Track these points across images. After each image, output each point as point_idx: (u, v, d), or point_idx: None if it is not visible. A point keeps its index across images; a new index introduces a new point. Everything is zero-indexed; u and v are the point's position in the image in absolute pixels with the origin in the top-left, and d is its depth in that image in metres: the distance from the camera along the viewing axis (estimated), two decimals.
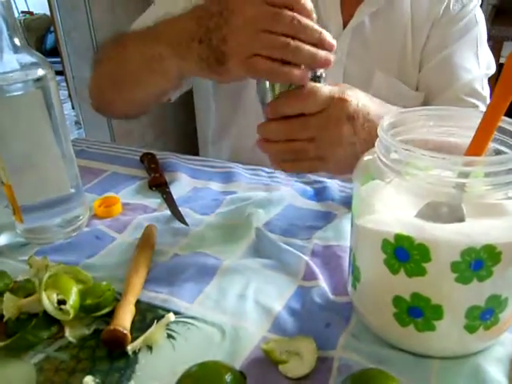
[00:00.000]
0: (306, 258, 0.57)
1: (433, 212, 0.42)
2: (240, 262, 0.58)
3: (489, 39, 1.95)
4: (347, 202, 0.68)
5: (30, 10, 6.31)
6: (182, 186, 0.77)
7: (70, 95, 2.49)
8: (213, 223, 0.67)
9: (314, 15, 0.57)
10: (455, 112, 0.47)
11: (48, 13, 5.77)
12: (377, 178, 0.43)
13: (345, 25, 0.88)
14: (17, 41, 0.58)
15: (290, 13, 0.55)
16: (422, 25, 0.89)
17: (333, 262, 0.57)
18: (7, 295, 0.51)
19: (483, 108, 0.85)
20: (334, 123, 0.57)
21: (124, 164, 0.85)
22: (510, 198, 0.40)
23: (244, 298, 0.53)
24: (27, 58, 0.60)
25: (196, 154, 2.40)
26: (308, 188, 0.74)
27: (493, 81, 0.97)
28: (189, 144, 2.51)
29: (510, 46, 1.94)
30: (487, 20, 2.14)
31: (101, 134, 2.17)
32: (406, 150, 0.39)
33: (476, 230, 0.39)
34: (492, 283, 0.40)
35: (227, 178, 0.79)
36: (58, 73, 2.32)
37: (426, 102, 0.89)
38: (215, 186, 0.77)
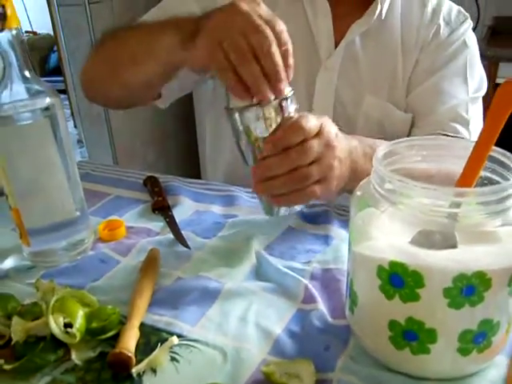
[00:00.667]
0: (306, 281, 0.59)
1: (426, 239, 0.43)
2: (241, 285, 0.60)
3: (484, 60, 1.99)
4: (346, 226, 0.70)
5: (34, 29, 6.40)
6: (184, 209, 0.78)
7: (72, 114, 2.53)
8: (215, 247, 0.68)
9: (289, 48, 0.60)
10: (447, 142, 0.50)
11: (51, 32, 5.86)
12: (372, 206, 0.45)
13: (337, 45, 0.90)
14: (26, 72, 0.61)
15: (268, 34, 0.58)
16: (412, 48, 0.91)
17: (332, 285, 0.59)
18: (15, 319, 0.52)
19: (465, 132, 0.87)
20: (331, 142, 0.61)
21: (127, 187, 0.87)
22: (500, 226, 0.42)
23: (245, 321, 0.54)
24: (35, 88, 0.63)
25: (197, 172, 2.43)
26: (307, 211, 0.76)
27: (487, 100, 0.99)
28: (190, 163, 2.54)
29: (506, 67, 1.95)
30: (483, 41, 2.17)
31: (103, 153, 2.20)
32: (399, 180, 0.40)
33: (467, 257, 0.41)
34: (483, 308, 0.41)
35: (228, 201, 0.80)
36: (61, 91, 2.36)
37: (412, 125, 0.92)
38: (217, 210, 0.79)
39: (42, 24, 6.20)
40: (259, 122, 0.61)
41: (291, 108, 0.62)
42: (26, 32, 6.39)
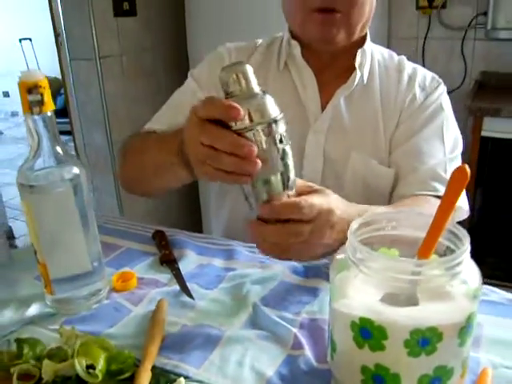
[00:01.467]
0: (295, 330, 0.68)
1: (392, 298, 0.53)
2: (239, 333, 0.69)
3: (470, 114, 2.11)
4: None
5: (42, 73, 6.61)
6: (189, 262, 0.88)
7: (77, 154, 2.66)
8: (216, 298, 0.78)
9: (239, 111, 0.61)
10: (411, 215, 0.60)
11: (58, 76, 6.08)
12: (347, 270, 0.54)
13: (323, 108, 1.01)
14: (57, 147, 0.71)
15: (210, 127, 0.63)
16: (392, 112, 1.01)
17: (317, 334, 0.68)
18: (46, 361, 0.61)
19: (443, 190, 0.96)
20: (321, 229, 0.68)
21: (137, 240, 0.97)
22: (454, 287, 0.52)
23: (242, 365, 0.63)
24: (64, 159, 0.73)
25: (197, 217, 2.52)
26: (298, 265, 0.85)
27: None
28: (190, 208, 2.64)
29: (490, 121, 2.06)
30: (469, 95, 2.30)
31: (109, 198, 2.31)
32: (367, 252, 0.50)
33: (422, 315, 0.50)
34: (437, 356, 0.50)
35: (228, 255, 0.90)
36: (67, 132, 2.48)
37: (395, 180, 1.00)
38: (218, 263, 0.88)
39: (49, 67, 6.43)
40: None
41: (281, 129, 0.63)
42: None
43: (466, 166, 0.55)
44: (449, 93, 2.65)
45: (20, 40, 6.62)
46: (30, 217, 0.72)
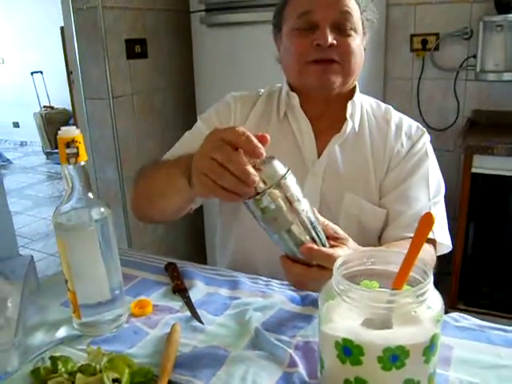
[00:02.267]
0: (291, 351, 0.79)
1: (371, 322, 0.64)
2: (242, 354, 0.80)
3: (462, 151, 2.22)
4: None
5: (51, 104, 6.82)
6: (198, 291, 0.99)
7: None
8: (222, 323, 0.88)
9: (262, 151, 0.73)
10: (387, 253, 0.71)
11: (68, 107, 6.29)
12: (333, 299, 0.65)
13: (319, 153, 1.13)
14: (88, 193, 0.83)
15: (228, 149, 0.73)
16: (381, 160, 1.13)
17: (310, 354, 0.79)
18: (78, 375, 0.72)
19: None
20: None
21: (152, 271, 1.08)
22: (421, 312, 0.63)
23: (245, 380, 0.74)
24: (93, 201, 0.85)
25: (202, 246, 2.62)
26: (295, 295, 0.96)
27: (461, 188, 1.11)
28: (197, 238, 2.75)
29: (479, 159, 2.17)
30: (461, 134, 2.43)
31: (118, 229, 2.42)
32: (347, 284, 0.62)
33: (393, 336, 0.61)
34: (406, 371, 0.61)
35: (233, 285, 1.01)
36: None
37: (385, 221, 1.11)
38: (224, 292, 0.99)
39: (58, 99, 6.66)
40: (270, 205, 0.75)
41: (291, 182, 0.76)
42: (45, 107, 6.83)
43: (432, 213, 0.67)
44: (443, 130, 2.82)
45: (32, 73, 6.84)
46: (63, 251, 0.84)
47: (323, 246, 0.81)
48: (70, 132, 0.79)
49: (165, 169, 1.01)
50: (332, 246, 0.83)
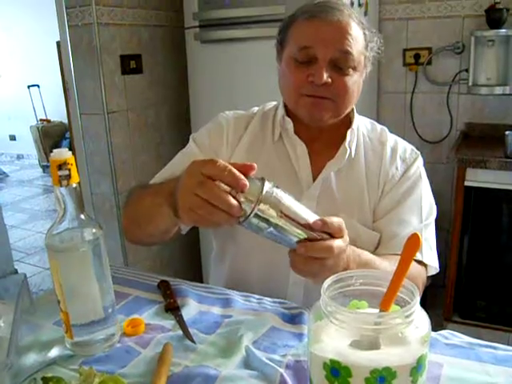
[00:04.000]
0: (281, 370, 0.79)
1: (359, 343, 0.65)
2: (233, 373, 0.80)
3: (456, 164, 2.24)
4: None
5: (48, 117, 6.83)
6: (190, 309, 0.99)
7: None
8: (214, 342, 0.89)
9: (245, 183, 0.76)
10: (375, 273, 0.72)
11: (64, 120, 6.31)
12: (321, 320, 0.66)
13: (314, 176, 1.14)
14: (80, 214, 0.84)
15: (210, 184, 0.76)
16: (376, 184, 1.14)
17: (300, 373, 0.79)
18: None
19: (418, 254, 1.06)
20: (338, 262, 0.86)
21: (145, 289, 1.09)
22: (408, 333, 0.63)
23: None
24: (85, 222, 0.86)
25: (198, 262, 2.63)
26: (287, 312, 0.97)
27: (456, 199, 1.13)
28: (192, 253, 2.76)
29: (472, 172, 2.20)
30: (455, 145, 2.45)
31: (113, 244, 2.42)
32: (335, 306, 0.62)
33: (380, 357, 0.62)
34: None
35: (225, 303, 1.02)
36: None
37: (377, 244, 1.12)
38: (216, 311, 1.00)
39: (54, 112, 6.68)
40: (260, 223, 0.78)
41: (279, 194, 0.79)
42: (41, 120, 6.85)
43: (418, 234, 0.68)
44: (437, 143, 2.84)
45: (28, 86, 6.86)
46: (56, 272, 0.84)
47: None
48: (62, 154, 0.80)
49: (150, 197, 1.03)
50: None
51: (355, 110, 1.18)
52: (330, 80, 1.05)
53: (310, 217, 0.83)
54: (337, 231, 0.85)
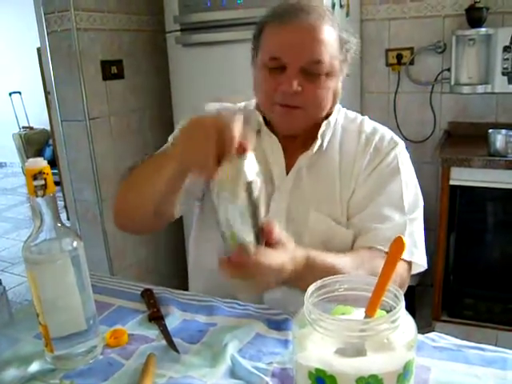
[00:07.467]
0: (267, 378, 0.78)
1: (345, 350, 0.63)
2: (219, 383, 0.78)
3: (440, 164, 2.24)
4: None
5: (31, 124, 6.76)
6: (174, 318, 0.98)
7: (65, 206, 2.76)
8: (199, 351, 0.87)
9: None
10: (359, 278, 0.71)
11: (47, 127, 6.24)
12: (305, 328, 0.65)
13: (287, 170, 1.13)
14: (57, 224, 0.82)
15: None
16: (349, 179, 1.10)
17: (286, 381, 0.78)
18: None
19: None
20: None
21: (128, 298, 1.07)
22: (394, 339, 0.62)
23: None
24: (63, 232, 0.83)
25: (184, 268, 2.61)
26: (272, 319, 0.95)
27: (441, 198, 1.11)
28: (177, 256, 2.73)
29: (456, 171, 2.21)
30: (438, 146, 2.45)
31: (98, 249, 2.39)
32: (319, 314, 0.61)
33: (365, 364, 0.61)
34: None
35: (209, 311, 1.00)
36: (56, 183, 2.60)
37: (353, 241, 1.08)
38: (200, 319, 0.98)
39: (37, 119, 6.61)
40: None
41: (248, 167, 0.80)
42: (24, 127, 6.78)
43: (403, 238, 0.67)
44: (421, 142, 2.84)
45: (10, 94, 6.79)
46: (34, 285, 0.82)
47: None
48: (37, 163, 0.78)
49: (147, 161, 1.07)
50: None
51: (339, 106, 1.17)
52: (299, 89, 1.03)
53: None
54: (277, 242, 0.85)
